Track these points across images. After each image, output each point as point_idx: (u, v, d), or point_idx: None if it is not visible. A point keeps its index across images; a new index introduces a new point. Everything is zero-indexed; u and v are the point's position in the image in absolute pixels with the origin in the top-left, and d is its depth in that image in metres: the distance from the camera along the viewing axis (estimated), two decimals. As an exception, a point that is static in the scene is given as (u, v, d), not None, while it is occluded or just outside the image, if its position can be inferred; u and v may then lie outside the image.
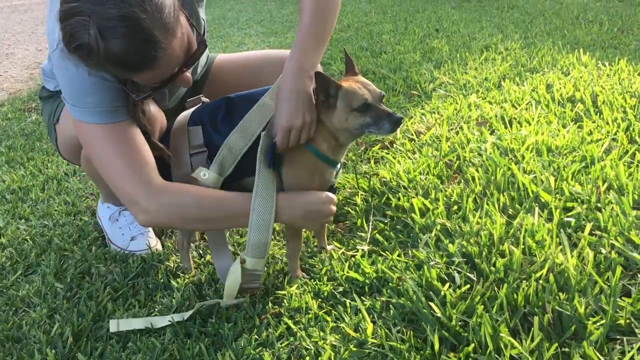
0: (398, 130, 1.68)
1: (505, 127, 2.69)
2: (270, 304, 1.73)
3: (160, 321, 1.70)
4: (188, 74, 1.67)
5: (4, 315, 1.83)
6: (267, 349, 1.54)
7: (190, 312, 1.70)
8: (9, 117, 4.39)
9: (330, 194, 1.75)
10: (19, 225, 2.47)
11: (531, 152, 2.30)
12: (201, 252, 2.12)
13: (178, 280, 1.92)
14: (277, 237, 2.16)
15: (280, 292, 1.78)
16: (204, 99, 1.94)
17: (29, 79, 6.10)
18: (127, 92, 1.64)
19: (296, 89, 1.65)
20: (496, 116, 2.83)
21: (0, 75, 6.50)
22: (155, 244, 2.20)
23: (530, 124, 2.66)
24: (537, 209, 1.83)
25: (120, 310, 1.79)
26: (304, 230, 1.99)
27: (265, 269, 1.89)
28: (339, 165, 1.82)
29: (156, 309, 1.79)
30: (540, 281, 1.51)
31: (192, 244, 2.10)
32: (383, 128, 1.63)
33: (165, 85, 1.63)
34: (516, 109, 2.92)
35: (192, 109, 1.87)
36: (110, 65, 1.45)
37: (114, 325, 1.69)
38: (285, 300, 1.73)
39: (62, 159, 2.82)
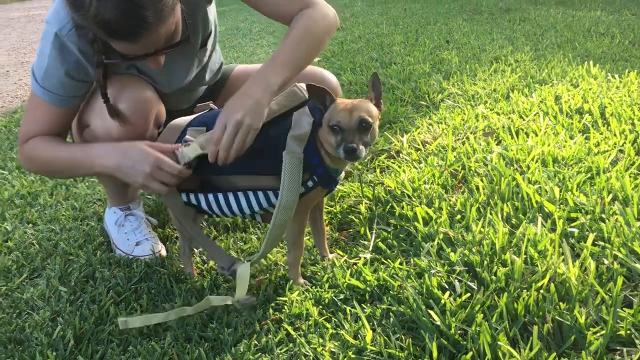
0: (358, 159, 1.72)
1: (512, 138, 2.68)
2: (271, 310, 1.73)
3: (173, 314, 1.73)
4: (161, 58, 1.75)
5: (7, 318, 1.85)
6: (266, 355, 1.54)
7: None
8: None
9: (161, 159, 1.73)
10: (26, 229, 2.49)
11: (537, 162, 2.29)
12: (204, 258, 2.13)
13: (181, 285, 1.93)
14: (280, 245, 2.16)
15: (281, 298, 1.78)
16: (212, 106, 1.97)
17: (42, 87, 6.17)
18: (85, 87, 1.87)
19: (254, 95, 1.72)
20: (503, 127, 2.82)
21: (15, 83, 6.60)
22: (160, 249, 2.22)
23: (537, 135, 2.65)
24: (540, 218, 1.82)
25: (122, 314, 1.80)
26: (305, 238, 2.00)
27: (268, 275, 1.90)
28: (342, 175, 1.85)
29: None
30: (541, 291, 1.50)
31: (195, 249, 2.11)
32: (340, 153, 1.68)
33: (135, 59, 1.73)
34: (524, 120, 2.91)
35: (191, 116, 1.91)
36: (94, 24, 1.52)
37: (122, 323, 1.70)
38: (286, 307, 1.73)
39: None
